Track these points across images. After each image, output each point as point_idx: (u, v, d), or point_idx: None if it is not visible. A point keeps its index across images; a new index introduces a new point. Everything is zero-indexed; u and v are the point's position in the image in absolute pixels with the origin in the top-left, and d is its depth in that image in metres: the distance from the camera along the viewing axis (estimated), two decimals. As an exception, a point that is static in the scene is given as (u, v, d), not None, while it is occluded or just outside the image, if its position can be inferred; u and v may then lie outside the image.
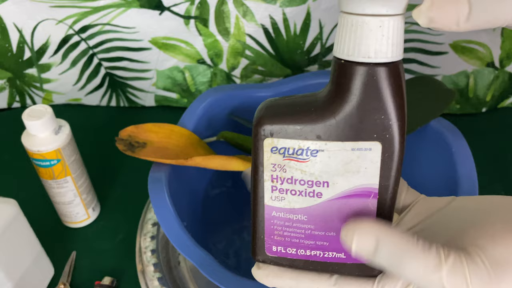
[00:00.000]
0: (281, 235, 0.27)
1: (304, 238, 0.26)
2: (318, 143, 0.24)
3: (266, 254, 0.27)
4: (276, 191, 0.26)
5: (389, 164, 0.24)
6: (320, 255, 0.27)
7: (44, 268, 0.49)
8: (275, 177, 0.25)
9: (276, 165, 0.25)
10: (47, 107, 0.47)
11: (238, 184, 0.48)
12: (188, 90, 0.69)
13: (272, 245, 0.27)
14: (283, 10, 0.58)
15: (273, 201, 0.26)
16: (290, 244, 0.27)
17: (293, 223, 0.26)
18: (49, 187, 0.51)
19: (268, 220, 0.27)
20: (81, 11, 0.59)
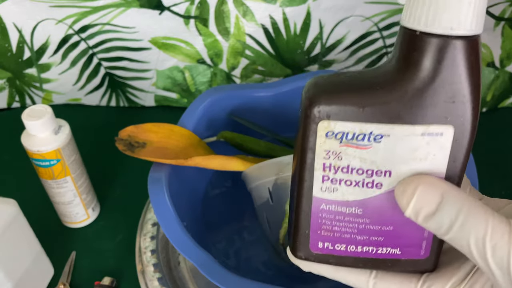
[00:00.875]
0: (329, 230, 0.24)
1: (356, 233, 0.24)
2: (384, 127, 0.21)
3: (310, 250, 0.25)
4: (328, 181, 0.23)
5: (459, 151, 0.22)
6: (373, 252, 0.24)
7: (43, 268, 0.49)
8: (328, 165, 0.23)
9: (330, 152, 0.22)
10: (47, 107, 0.47)
11: (238, 184, 0.48)
12: (188, 90, 0.69)
13: (318, 241, 0.24)
14: (283, 10, 0.58)
15: (323, 193, 0.23)
16: (340, 240, 0.24)
17: (345, 216, 0.24)
18: (48, 187, 0.51)
19: (315, 213, 0.24)
20: (81, 11, 0.59)
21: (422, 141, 0.22)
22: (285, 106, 0.55)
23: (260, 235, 0.48)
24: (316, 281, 0.45)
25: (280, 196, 0.43)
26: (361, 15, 0.59)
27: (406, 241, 0.24)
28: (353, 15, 0.59)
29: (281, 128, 0.54)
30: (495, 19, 0.59)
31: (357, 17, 0.60)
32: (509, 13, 0.59)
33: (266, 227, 0.45)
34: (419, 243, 0.24)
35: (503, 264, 0.20)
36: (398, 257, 0.24)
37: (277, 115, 0.55)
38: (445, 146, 0.22)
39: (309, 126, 0.22)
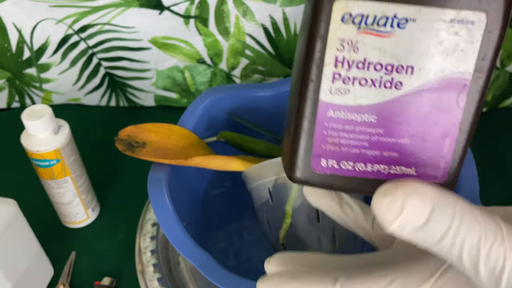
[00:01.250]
0: (336, 144, 0.21)
1: (367, 148, 0.21)
2: (411, 8, 0.18)
3: (311, 170, 0.21)
4: (339, 80, 0.19)
5: (489, 46, 0.19)
6: (385, 171, 0.21)
7: (43, 269, 0.49)
8: (340, 59, 0.19)
9: (345, 41, 0.19)
10: (47, 107, 0.47)
11: (238, 184, 0.48)
12: (188, 90, 0.69)
13: (321, 158, 0.21)
14: (283, 10, 0.58)
15: (332, 96, 0.20)
16: (347, 156, 0.21)
17: (356, 126, 0.20)
18: (48, 187, 0.51)
19: (320, 122, 0.20)
20: (81, 11, 0.58)
21: (452, 29, 0.19)
22: (285, 106, 0.55)
23: (260, 235, 0.48)
24: (316, 281, 0.45)
25: (280, 196, 0.43)
26: (361, 15, 0.59)
27: (423, 158, 0.21)
28: (353, 15, 0.59)
29: (281, 128, 0.54)
30: (495, 19, 0.59)
31: (357, 17, 0.60)
32: (509, 13, 0.59)
33: (266, 227, 0.45)
34: (437, 163, 0.21)
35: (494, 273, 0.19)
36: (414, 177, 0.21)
37: (277, 115, 0.55)
38: (475, 38, 0.19)
39: (321, 6, 0.18)
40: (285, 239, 0.43)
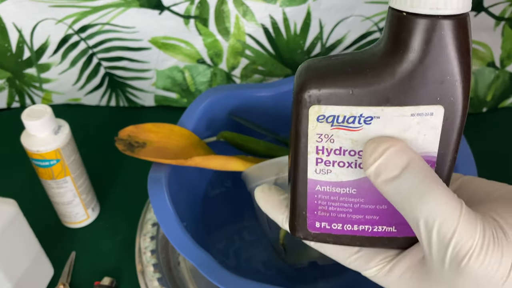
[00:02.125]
0: (325, 210, 0.25)
1: (351, 213, 0.24)
2: (374, 109, 0.21)
3: (308, 230, 0.25)
4: (322, 163, 0.23)
5: (451, 130, 0.22)
6: (369, 230, 0.25)
7: (43, 269, 0.49)
8: (320, 148, 0.23)
9: (322, 135, 0.23)
10: (47, 107, 0.47)
11: (238, 184, 0.48)
12: (188, 90, 0.69)
13: (315, 221, 0.25)
14: (283, 10, 0.58)
15: (318, 175, 0.24)
16: (336, 220, 0.25)
17: (340, 197, 0.24)
18: (48, 187, 0.51)
19: (311, 194, 0.24)
20: (81, 11, 0.58)
21: (412, 121, 0.22)
22: (285, 106, 0.55)
23: (259, 235, 0.48)
24: (316, 281, 0.45)
25: (280, 196, 0.43)
26: (361, 15, 0.59)
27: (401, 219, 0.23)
28: (353, 15, 0.59)
29: (281, 128, 0.54)
30: (495, 19, 0.59)
31: (357, 17, 0.60)
32: (509, 13, 0.59)
33: (266, 227, 0.45)
34: None
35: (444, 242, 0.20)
36: (394, 234, 0.24)
37: (277, 115, 0.55)
38: (435, 125, 0.22)
39: (300, 111, 0.22)
40: (285, 239, 0.43)
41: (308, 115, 0.22)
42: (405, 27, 0.20)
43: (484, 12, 0.58)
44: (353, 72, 0.21)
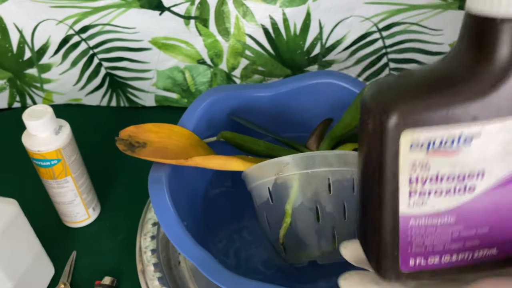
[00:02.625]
0: (420, 246, 0.22)
1: (450, 243, 0.22)
2: (474, 126, 0.19)
3: (400, 271, 0.23)
4: (415, 195, 0.21)
5: None
6: (469, 257, 0.23)
7: (44, 268, 0.49)
8: (414, 179, 0.21)
9: (416, 164, 0.20)
10: (48, 107, 0.47)
11: (238, 184, 0.48)
12: (188, 90, 0.69)
13: (409, 259, 0.23)
14: (283, 10, 0.58)
15: (411, 208, 0.21)
16: (433, 253, 0.22)
17: (437, 228, 0.22)
18: (49, 187, 0.51)
19: (404, 231, 0.22)
20: (82, 11, 0.59)
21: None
22: (285, 106, 0.55)
23: (260, 235, 0.48)
24: (316, 281, 0.45)
25: (280, 195, 0.43)
26: (361, 15, 0.60)
27: (502, 238, 0.22)
28: (353, 16, 0.60)
29: (281, 128, 0.54)
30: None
31: (356, 18, 0.60)
32: (508, 14, 0.59)
33: (266, 227, 0.45)
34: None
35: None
36: (495, 257, 0.23)
37: (277, 115, 0.55)
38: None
39: (386, 140, 0.19)
40: (284, 238, 0.43)
41: (398, 144, 0.20)
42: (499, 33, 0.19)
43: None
44: (446, 88, 0.19)
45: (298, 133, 0.54)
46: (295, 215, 0.43)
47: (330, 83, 0.54)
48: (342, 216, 0.43)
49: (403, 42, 0.63)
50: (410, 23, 0.60)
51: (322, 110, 0.54)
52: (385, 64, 0.66)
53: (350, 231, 0.43)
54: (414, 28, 0.60)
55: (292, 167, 0.42)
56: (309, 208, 0.42)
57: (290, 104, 0.55)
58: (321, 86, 0.54)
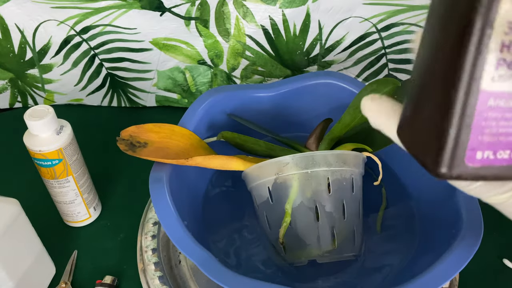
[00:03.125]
0: (494, 134, 0.19)
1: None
2: None
3: (465, 165, 0.19)
4: (504, 66, 0.18)
5: None
6: None
7: (45, 267, 0.50)
8: (507, 44, 0.17)
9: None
10: (49, 107, 0.47)
11: (238, 184, 0.49)
12: (189, 91, 0.70)
13: (477, 150, 0.19)
14: (282, 11, 0.59)
15: (494, 83, 0.18)
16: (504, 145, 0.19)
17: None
18: (50, 186, 0.51)
19: (480, 114, 0.18)
20: (83, 12, 0.59)
21: None
22: (284, 106, 0.55)
23: (260, 234, 0.48)
24: (315, 279, 0.45)
25: (280, 195, 0.43)
26: (360, 16, 0.60)
27: None
28: (352, 16, 0.60)
29: (281, 128, 0.54)
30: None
31: (356, 18, 0.60)
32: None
33: (266, 226, 0.45)
34: None
35: None
36: None
37: (277, 115, 0.55)
38: None
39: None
40: (284, 237, 0.43)
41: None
42: None
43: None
44: None
45: (297, 133, 0.55)
46: (294, 215, 0.43)
47: (329, 83, 0.54)
48: (341, 215, 0.43)
49: (402, 43, 0.63)
50: (409, 24, 0.60)
51: (322, 110, 0.54)
52: (384, 65, 0.66)
53: (349, 230, 0.44)
54: (413, 28, 0.61)
55: (292, 167, 0.43)
56: (309, 207, 0.43)
57: (290, 104, 0.55)
58: (320, 87, 0.55)
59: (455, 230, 0.40)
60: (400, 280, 0.37)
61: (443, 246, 0.39)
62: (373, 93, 0.48)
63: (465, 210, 0.41)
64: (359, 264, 0.46)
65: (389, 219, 0.50)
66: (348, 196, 0.43)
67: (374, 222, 0.50)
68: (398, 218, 0.50)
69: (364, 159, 0.46)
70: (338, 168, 0.43)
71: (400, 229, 0.49)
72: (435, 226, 0.45)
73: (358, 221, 0.44)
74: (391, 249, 0.47)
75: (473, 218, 0.40)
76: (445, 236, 0.41)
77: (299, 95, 0.55)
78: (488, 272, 0.51)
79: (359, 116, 0.48)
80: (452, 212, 0.42)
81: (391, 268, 0.45)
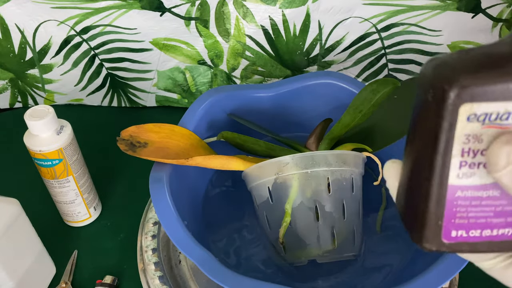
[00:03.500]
0: (464, 217, 0.23)
1: (492, 217, 0.23)
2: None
3: (442, 241, 0.23)
4: (466, 166, 0.22)
5: None
6: (510, 232, 0.23)
7: (46, 267, 0.50)
8: (466, 150, 0.21)
9: (471, 136, 0.21)
10: (49, 108, 0.47)
11: (238, 184, 0.49)
12: (189, 91, 0.70)
13: (452, 230, 0.23)
14: (282, 11, 0.59)
15: (460, 179, 0.22)
16: (475, 226, 0.23)
17: (482, 201, 0.22)
18: (51, 186, 0.51)
19: (450, 202, 0.22)
20: (83, 12, 0.59)
21: None
22: (285, 106, 0.55)
23: (260, 234, 0.48)
24: (315, 279, 0.45)
25: (280, 195, 0.43)
26: (360, 16, 0.60)
27: None
28: (352, 17, 0.60)
29: (281, 128, 0.54)
30: (493, 20, 0.60)
31: (356, 19, 0.60)
32: (507, 14, 0.59)
33: (266, 226, 0.45)
34: None
35: None
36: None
37: (277, 115, 0.56)
38: None
39: (445, 111, 0.20)
40: (284, 237, 0.43)
41: (457, 115, 0.20)
42: None
43: (482, 14, 0.59)
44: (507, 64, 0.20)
45: (297, 133, 0.55)
46: (294, 215, 0.43)
47: (329, 83, 0.54)
48: (341, 215, 0.43)
49: (402, 43, 0.63)
50: (409, 24, 0.60)
51: (322, 110, 0.54)
52: (384, 65, 0.66)
53: (349, 230, 0.44)
54: (413, 29, 0.61)
55: (292, 167, 0.43)
56: (309, 207, 0.43)
57: (290, 104, 0.55)
58: (320, 87, 0.55)
59: (455, 230, 0.40)
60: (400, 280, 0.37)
61: (443, 246, 0.39)
62: (373, 93, 0.49)
63: (465, 210, 0.41)
64: (359, 264, 0.46)
65: (389, 219, 0.50)
66: (348, 196, 0.44)
67: (374, 222, 0.50)
68: (398, 218, 0.49)
69: (364, 159, 0.46)
70: (338, 168, 0.43)
71: (400, 229, 0.49)
72: (435, 226, 0.45)
73: (358, 221, 0.45)
74: (391, 249, 0.47)
75: (473, 218, 0.40)
76: (445, 236, 0.41)
77: (299, 95, 0.55)
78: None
79: (359, 116, 0.48)
80: (452, 212, 0.42)
81: (391, 268, 0.45)
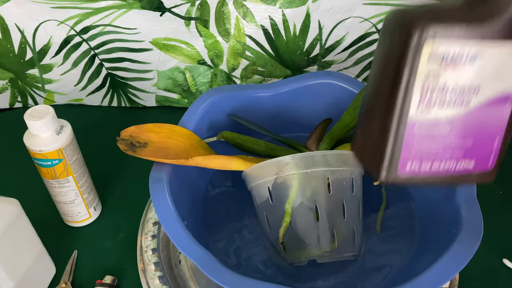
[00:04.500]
0: (418, 151, 0.25)
1: (441, 151, 0.25)
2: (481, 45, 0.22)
3: (397, 173, 0.25)
4: (423, 103, 0.24)
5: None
6: (453, 166, 0.25)
7: (45, 267, 0.50)
8: (426, 87, 0.23)
9: (430, 73, 0.23)
10: (49, 107, 0.47)
11: (238, 184, 0.49)
12: (189, 91, 0.70)
13: (406, 163, 0.25)
14: (282, 11, 0.59)
15: (418, 115, 0.24)
16: (426, 159, 0.25)
17: (434, 136, 0.25)
18: (50, 186, 0.51)
19: (408, 136, 0.24)
20: (83, 12, 0.59)
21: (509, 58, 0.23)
22: (285, 106, 0.55)
23: (260, 234, 0.48)
24: (315, 279, 0.45)
25: (280, 195, 0.43)
26: (360, 16, 0.60)
27: (479, 153, 0.25)
28: (352, 17, 0.60)
29: (281, 128, 0.54)
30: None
31: (356, 19, 0.60)
32: None
33: (266, 226, 0.45)
34: (488, 156, 0.26)
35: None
36: (471, 171, 0.26)
37: (277, 115, 0.56)
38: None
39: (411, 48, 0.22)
40: (284, 237, 0.43)
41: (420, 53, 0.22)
42: None
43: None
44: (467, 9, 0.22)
45: (297, 133, 0.55)
46: (294, 215, 0.43)
47: (329, 83, 0.54)
48: (341, 215, 0.43)
49: (402, 43, 0.63)
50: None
51: (322, 110, 0.54)
52: (385, 65, 0.66)
53: (349, 230, 0.44)
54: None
55: (292, 167, 0.43)
56: (309, 207, 0.43)
57: (290, 104, 0.55)
58: (320, 87, 0.55)
59: (455, 230, 0.40)
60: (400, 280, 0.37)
61: (443, 246, 0.39)
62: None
63: (465, 210, 0.41)
64: (359, 264, 0.46)
65: (389, 219, 0.50)
66: (348, 196, 0.44)
67: (374, 222, 0.50)
68: (398, 218, 0.50)
69: (364, 159, 0.46)
70: (338, 168, 0.43)
71: (400, 229, 0.49)
72: (435, 226, 0.45)
73: (358, 221, 0.45)
74: (391, 249, 0.47)
75: (473, 218, 0.40)
76: (445, 236, 0.41)
77: (299, 95, 0.55)
78: (488, 272, 0.51)
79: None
80: (452, 212, 0.42)
81: (391, 268, 0.45)
